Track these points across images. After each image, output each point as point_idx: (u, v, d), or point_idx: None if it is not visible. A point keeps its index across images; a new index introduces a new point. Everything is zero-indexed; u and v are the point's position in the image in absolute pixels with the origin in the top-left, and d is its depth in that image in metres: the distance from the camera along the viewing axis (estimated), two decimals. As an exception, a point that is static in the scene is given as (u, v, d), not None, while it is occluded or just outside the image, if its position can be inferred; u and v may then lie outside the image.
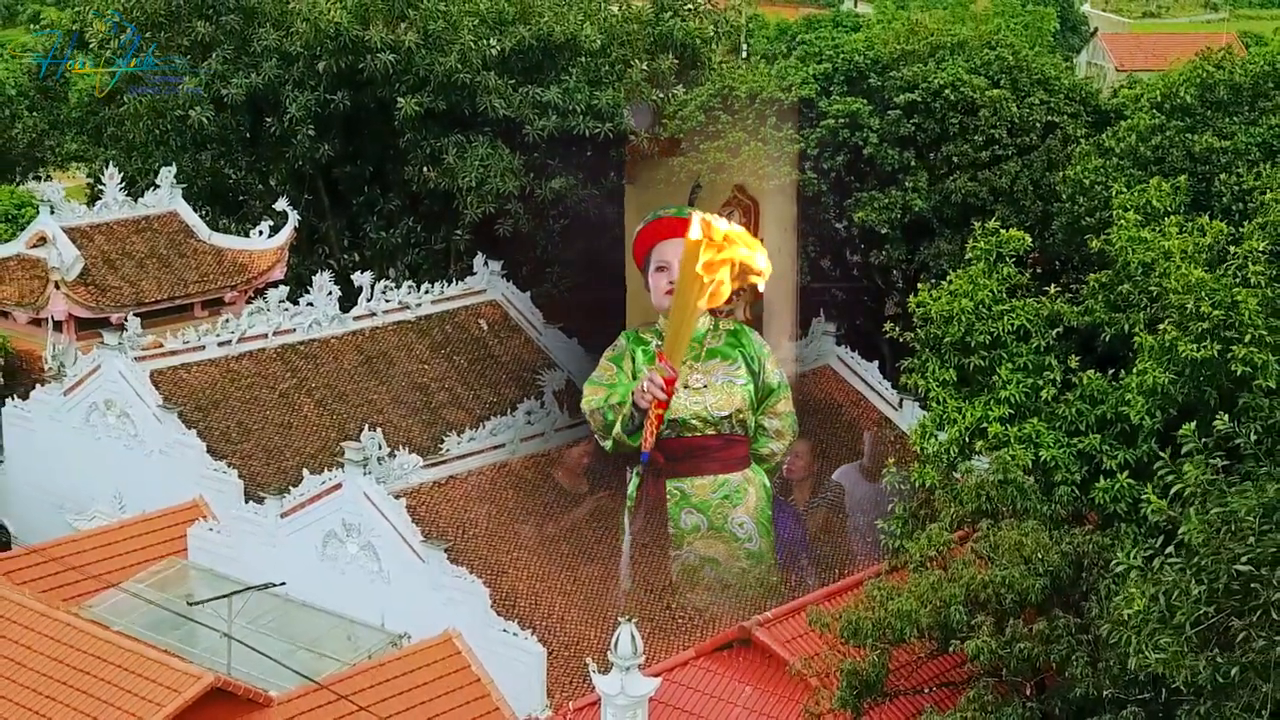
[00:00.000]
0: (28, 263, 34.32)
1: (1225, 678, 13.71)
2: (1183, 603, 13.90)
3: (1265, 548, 13.69)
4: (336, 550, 25.19)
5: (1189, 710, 14.43)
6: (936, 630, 19.89)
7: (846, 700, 20.30)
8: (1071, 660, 18.59)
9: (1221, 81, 28.96)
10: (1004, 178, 32.56)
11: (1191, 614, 13.83)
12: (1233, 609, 13.73)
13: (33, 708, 21.16)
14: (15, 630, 22.48)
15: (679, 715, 22.27)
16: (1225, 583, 13.71)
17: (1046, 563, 19.54)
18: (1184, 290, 20.81)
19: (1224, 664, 13.70)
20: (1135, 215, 23.05)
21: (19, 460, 31.34)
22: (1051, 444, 22.04)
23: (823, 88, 34.01)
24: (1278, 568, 13.53)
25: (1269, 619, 13.53)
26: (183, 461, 28.57)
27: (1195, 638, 13.86)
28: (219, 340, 30.65)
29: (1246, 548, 13.73)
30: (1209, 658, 13.78)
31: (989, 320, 23.06)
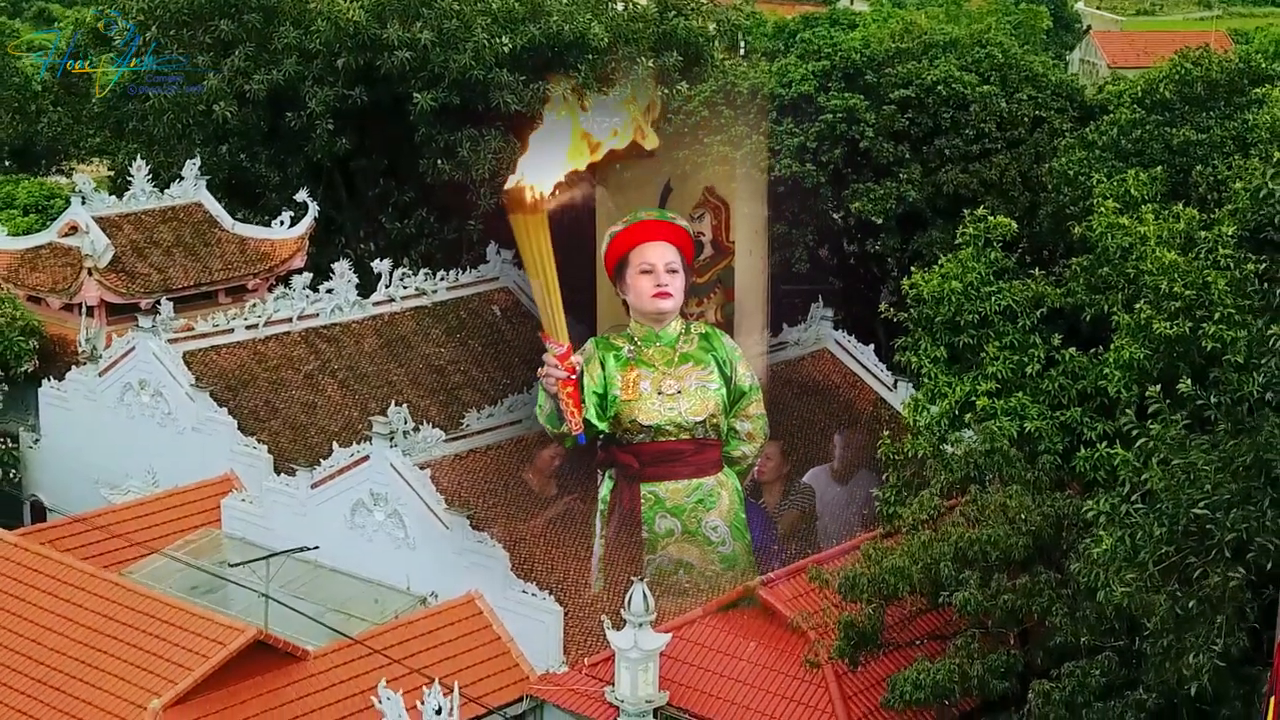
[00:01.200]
0: (60, 251, 35.85)
1: (1184, 610, 15.31)
2: (1146, 543, 15.50)
3: (1220, 495, 15.27)
4: (364, 518, 26.71)
5: (1154, 643, 16.00)
6: (927, 585, 21.47)
7: (844, 650, 21.92)
8: (1051, 611, 20.18)
9: (1199, 78, 30.53)
10: (993, 170, 34.16)
11: (1154, 553, 15.44)
12: (1190, 549, 15.33)
13: (87, 660, 22.64)
14: (67, 590, 24.02)
15: (687, 668, 23.82)
16: (1184, 525, 15.31)
17: (1029, 523, 21.11)
18: (1158, 272, 22.27)
19: (1183, 597, 15.31)
20: (1114, 204, 24.56)
21: (55, 438, 32.83)
22: (1035, 416, 23.62)
23: (821, 84, 35.52)
24: (1231, 511, 15.12)
25: (1223, 557, 15.13)
26: (214, 438, 30.09)
27: (1157, 575, 15.47)
28: (247, 324, 32.22)
29: (1204, 494, 15.32)
30: (1169, 592, 15.39)
31: (977, 301, 24.66)
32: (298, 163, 40.70)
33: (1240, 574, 15.29)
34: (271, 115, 39.72)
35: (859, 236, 36.63)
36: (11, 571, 24.67)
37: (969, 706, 21.33)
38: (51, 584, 24.17)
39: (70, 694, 22.23)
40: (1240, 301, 22.00)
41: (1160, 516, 15.49)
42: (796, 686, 23.26)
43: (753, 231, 33.22)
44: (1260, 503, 14.88)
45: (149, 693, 21.72)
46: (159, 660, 22.29)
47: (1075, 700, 19.23)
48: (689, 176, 33.71)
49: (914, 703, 20.98)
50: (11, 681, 22.75)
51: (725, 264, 33.10)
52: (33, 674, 22.81)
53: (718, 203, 33.46)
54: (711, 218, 33.10)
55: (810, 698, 23.07)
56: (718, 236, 33.12)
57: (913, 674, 20.89)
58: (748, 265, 32.76)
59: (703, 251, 32.80)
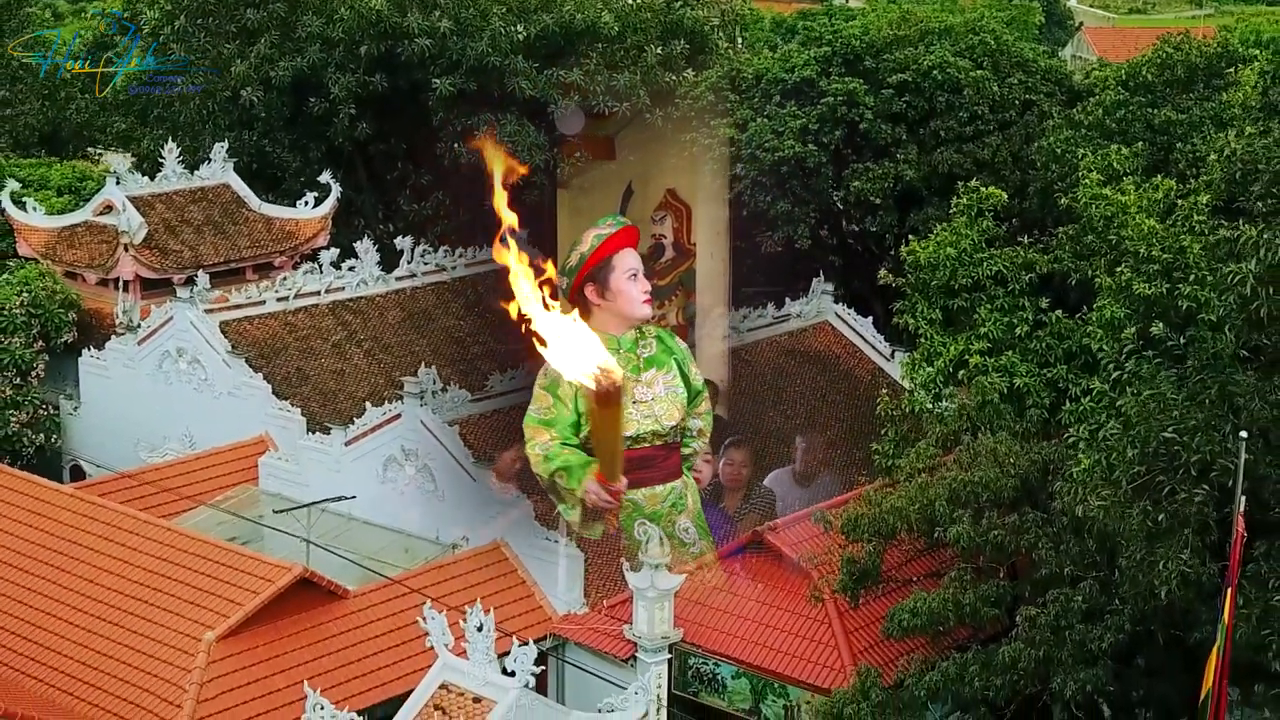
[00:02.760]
0: (95, 228, 37.56)
1: (1155, 524, 17.10)
2: (1120, 462, 17.30)
3: (1186, 421, 17.06)
4: (396, 473, 28.46)
5: (1129, 557, 17.80)
6: (924, 524, 23.23)
7: (846, 585, 23.71)
8: (1038, 546, 21.91)
9: (1180, 61, 32.35)
10: (986, 150, 35.94)
11: (1127, 471, 17.24)
12: (1160, 468, 17.12)
13: (144, 599, 24.37)
14: (122, 536, 25.77)
15: (699, 607, 25.64)
16: (1155, 447, 17.09)
17: (1017, 467, 22.86)
18: (1138, 238, 23.89)
19: (1153, 512, 17.10)
20: (1098, 176, 26.37)
21: (94, 405, 34.58)
22: (1024, 373, 25.46)
23: (823, 69, 37.26)
24: (1196, 435, 16.90)
25: (1189, 476, 16.92)
26: (249, 402, 31.86)
27: (1130, 492, 17.26)
28: (277, 296, 34.02)
29: (1172, 420, 17.11)
30: (1141, 507, 17.18)
31: (970, 267, 26.50)
32: (318, 147, 42.36)
33: (1204, 491, 17.10)
34: (294, 101, 41.42)
35: (858, 215, 38.40)
36: (68, 520, 26.41)
37: (962, 636, 23.13)
38: (107, 530, 25.91)
39: (130, 629, 23.93)
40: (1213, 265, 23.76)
41: (1133, 439, 17.30)
42: (801, 624, 25.06)
43: (714, 234, 33.22)
44: (1223, 428, 16.63)
45: (203, 626, 23.45)
46: (212, 597, 24.02)
47: (1059, 624, 21.02)
48: (650, 179, 33.93)
49: (911, 630, 22.74)
50: (74, 619, 24.46)
51: (687, 266, 33.48)
52: (93, 612, 24.52)
53: (679, 205, 33.69)
54: (673, 220, 33.45)
55: (814, 633, 24.86)
56: (679, 239, 33.37)
57: (910, 604, 22.66)
58: (709, 268, 33.13)
59: (664, 254, 33.57)
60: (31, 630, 24.39)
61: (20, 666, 23.80)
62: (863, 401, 32.91)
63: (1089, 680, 20.88)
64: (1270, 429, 17.14)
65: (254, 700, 23.06)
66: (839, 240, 39.23)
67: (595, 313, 24.52)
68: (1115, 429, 17.69)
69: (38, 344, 35.15)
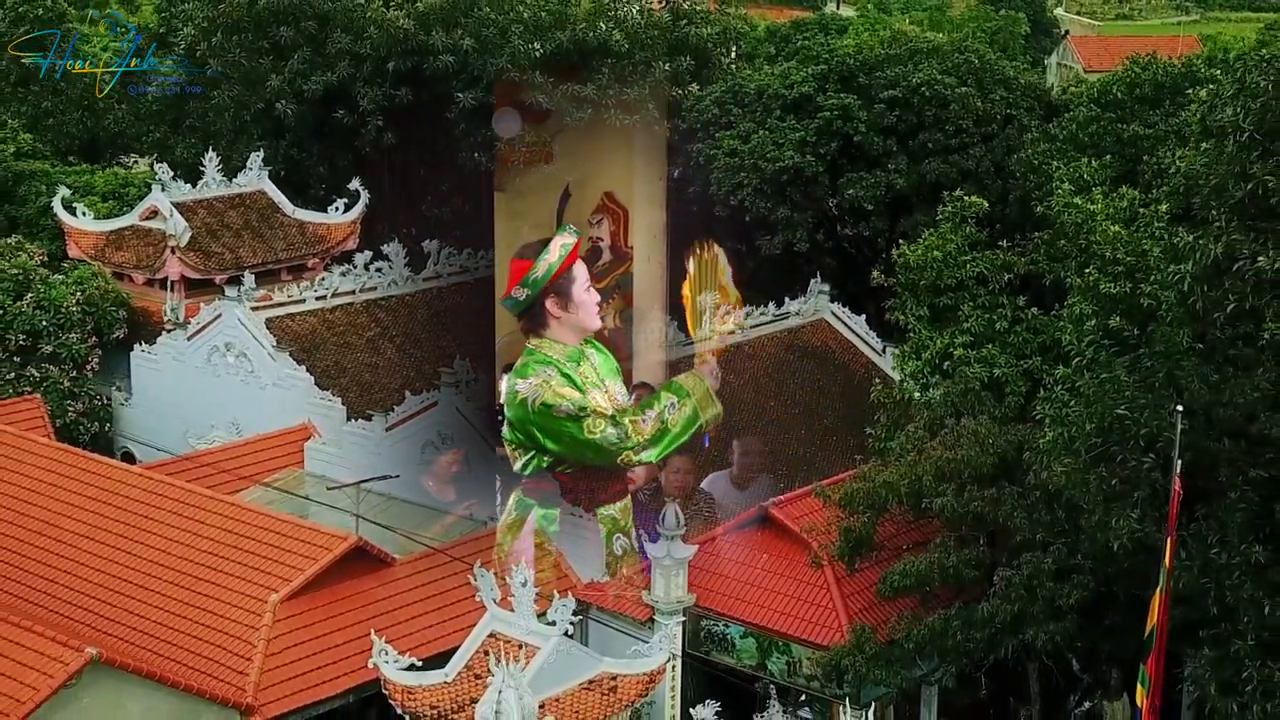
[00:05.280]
0: (141, 232, 40.34)
1: (1109, 488, 19.99)
2: (1079, 435, 20.19)
3: (1137, 401, 19.95)
4: (432, 455, 31.25)
5: (1089, 518, 20.68)
6: (912, 498, 26.06)
7: (843, 552, 26.54)
8: (1013, 516, 24.78)
9: (1147, 80, 35.26)
10: (970, 160, 38.94)
11: (1086, 443, 20.13)
12: (1114, 440, 20.00)
13: (213, 566, 26.96)
14: (189, 510, 28.42)
15: (710, 574, 28.37)
16: (1109, 423, 19.97)
17: (995, 446, 25.72)
18: (1105, 243, 26.53)
19: (1108, 477, 19.99)
20: (1070, 187, 29.20)
21: (144, 396, 37.33)
22: (1003, 364, 28.37)
23: (819, 85, 40.19)
24: (1145, 412, 19.77)
25: (1139, 447, 19.80)
26: (292, 392, 34.59)
27: (1088, 460, 20.15)
28: (316, 295, 36.84)
29: (1125, 399, 20.01)
30: (1098, 474, 20.08)
31: (955, 268, 29.44)
32: (345, 155, 45.12)
33: (1151, 459, 19.98)
34: (323, 112, 44.15)
35: (852, 220, 41.25)
36: (138, 496, 29.05)
37: (946, 597, 25.93)
38: (177, 505, 28.51)
39: (203, 593, 26.50)
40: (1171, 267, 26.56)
41: (1091, 416, 20.19)
42: (803, 589, 27.80)
43: (651, 237, 33.26)
44: (1168, 407, 19.47)
45: (268, 589, 26.09)
46: (274, 564, 26.66)
47: (1031, 583, 23.93)
48: (587, 182, 33.82)
49: (901, 591, 25.59)
50: (149, 584, 27.07)
51: (624, 270, 33.87)
52: (166, 578, 27.11)
53: (617, 208, 33.46)
54: (610, 223, 33.57)
55: (814, 597, 27.61)
56: (616, 242, 33.69)
57: (900, 567, 25.55)
58: (646, 271, 33.50)
59: (601, 257, 33.62)
60: (113, 595, 26.97)
61: (106, 628, 26.36)
62: (857, 391, 35.69)
63: (1058, 632, 23.84)
64: (1209, 408, 19.98)
65: (315, 655, 25.71)
66: (835, 243, 42.11)
67: (553, 325, 25.31)
68: (1076, 408, 20.56)
69: (92, 340, 37.85)
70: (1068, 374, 21.65)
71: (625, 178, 33.65)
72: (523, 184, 32.47)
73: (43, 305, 37.10)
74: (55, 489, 29.51)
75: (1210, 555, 20.09)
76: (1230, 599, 19.85)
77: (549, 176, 33.06)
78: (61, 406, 36.64)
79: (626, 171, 34.11)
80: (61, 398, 36.78)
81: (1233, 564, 19.68)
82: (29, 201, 43.89)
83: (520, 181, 32.49)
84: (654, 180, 34.14)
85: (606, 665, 22.84)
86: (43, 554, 28.04)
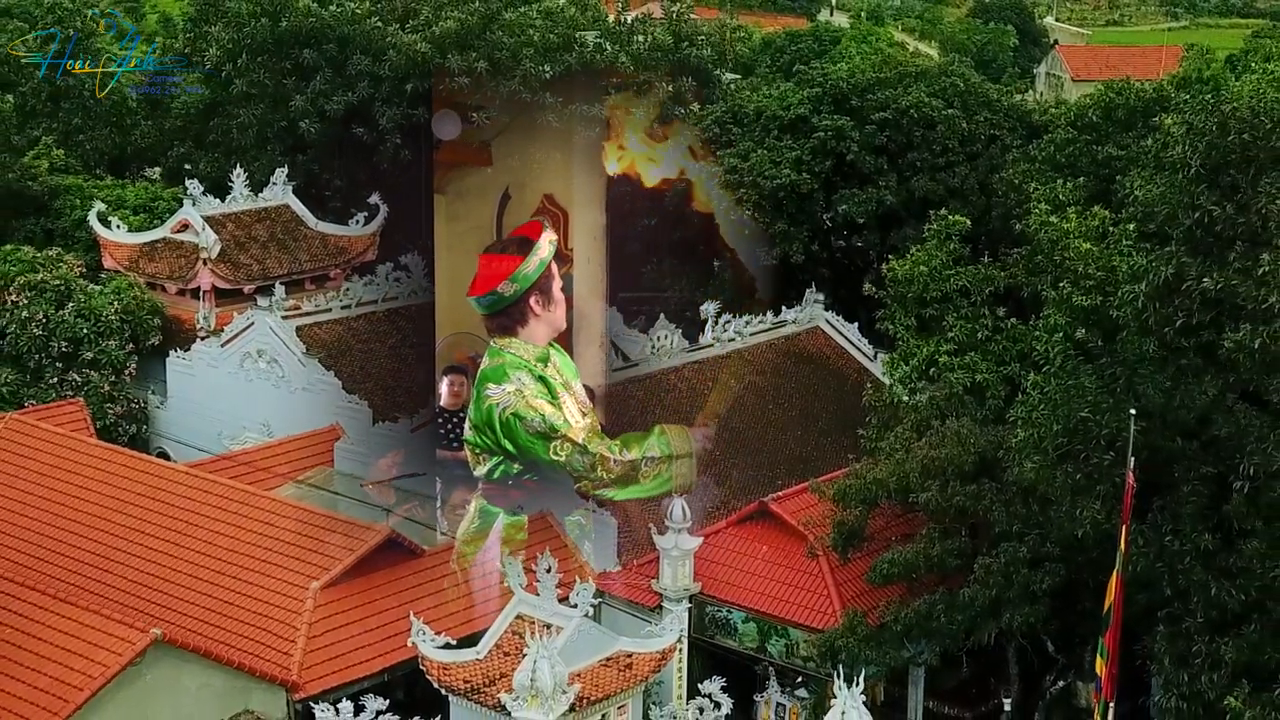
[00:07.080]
0: (173, 244, 42.58)
1: (1074, 482, 22.39)
2: (1047, 435, 22.59)
3: (1099, 403, 22.36)
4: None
5: (1057, 509, 23.07)
6: (900, 493, 28.44)
7: (837, 543, 28.92)
8: (992, 510, 27.14)
9: (1121, 105, 37.64)
10: (956, 178, 41.33)
11: (1053, 441, 22.54)
12: (1078, 439, 22.40)
13: (256, 555, 29.25)
14: (232, 504, 30.71)
15: (715, 565, 30.71)
16: (1074, 424, 22.37)
17: (976, 446, 28.08)
18: (1077, 259, 28.88)
19: (1073, 472, 22.38)
20: (1046, 205, 31.55)
21: (179, 399, 39.52)
22: (984, 371, 30.80)
23: (814, 107, 42.55)
24: (1106, 414, 22.18)
25: (1100, 445, 22.20)
26: (321, 396, 36.80)
27: (1055, 457, 22.56)
28: (342, 305, 39.11)
29: (1087, 404, 22.42)
30: (1064, 469, 22.47)
31: (940, 281, 31.87)
32: (363, 171, 47.38)
33: (1111, 457, 22.37)
34: (343, 130, 46.43)
35: (845, 234, 43.59)
36: (184, 492, 31.32)
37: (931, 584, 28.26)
38: (220, 500, 30.80)
39: (247, 581, 28.82)
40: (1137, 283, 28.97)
41: (1058, 417, 22.59)
42: (799, 578, 30.20)
43: (591, 239, 32.62)
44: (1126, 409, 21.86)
45: (309, 577, 28.38)
46: (314, 554, 28.94)
47: (1008, 570, 26.31)
48: (527, 185, 33.78)
49: (890, 578, 27.97)
50: (198, 574, 29.34)
51: (564, 272, 35.64)
52: (214, 568, 29.38)
53: (556, 211, 32.72)
54: (550, 225, 33.87)
55: (810, 585, 30.01)
56: (557, 244, 36.03)
57: (889, 556, 27.93)
58: (587, 273, 32.90)
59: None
60: (165, 584, 29.18)
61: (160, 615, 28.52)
62: (850, 394, 37.76)
63: (1032, 615, 26.25)
64: (1164, 412, 22.38)
65: (353, 637, 28.01)
66: (828, 256, 44.39)
67: (530, 323, 24.32)
68: (1045, 410, 22.97)
69: (129, 346, 40.01)
70: (1039, 380, 24.04)
71: (564, 180, 32.83)
72: (462, 186, 31.98)
73: (83, 314, 39.21)
74: (106, 485, 31.82)
75: (1165, 543, 22.47)
76: (1183, 582, 22.27)
77: (488, 179, 32.60)
78: (102, 409, 38.74)
79: (565, 173, 33.52)
80: (102, 401, 38.89)
81: (1185, 550, 22.11)
82: (64, 215, 46.07)
83: (460, 184, 31.99)
84: (593, 182, 32.88)
85: (623, 644, 25.11)
86: (99, 545, 30.33)
